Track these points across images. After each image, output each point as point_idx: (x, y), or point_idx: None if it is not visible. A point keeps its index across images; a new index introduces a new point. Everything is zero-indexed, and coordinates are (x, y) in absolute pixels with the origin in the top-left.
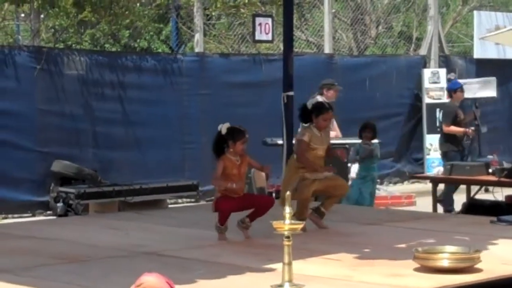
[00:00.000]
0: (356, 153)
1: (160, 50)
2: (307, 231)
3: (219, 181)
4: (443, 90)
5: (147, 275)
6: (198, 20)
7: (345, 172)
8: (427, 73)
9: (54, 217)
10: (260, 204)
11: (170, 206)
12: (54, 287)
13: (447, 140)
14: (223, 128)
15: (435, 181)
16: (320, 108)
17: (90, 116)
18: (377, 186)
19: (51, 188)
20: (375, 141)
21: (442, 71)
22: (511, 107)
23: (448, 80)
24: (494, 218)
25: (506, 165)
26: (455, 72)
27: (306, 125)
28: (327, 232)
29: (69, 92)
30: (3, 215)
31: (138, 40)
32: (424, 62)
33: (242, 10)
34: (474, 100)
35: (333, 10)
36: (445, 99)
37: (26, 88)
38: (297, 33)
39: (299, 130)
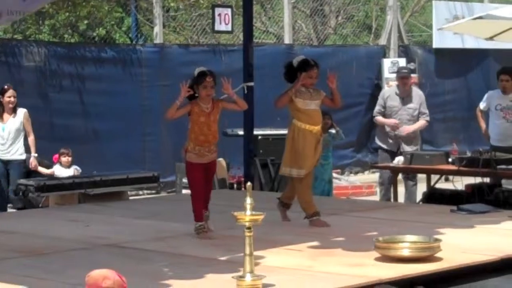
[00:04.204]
0: None
1: (121, 41)
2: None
3: (170, 109)
4: None
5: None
6: (157, 12)
7: None
8: (386, 62)
9: (14, 210)
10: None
11: (130, 198)
12: (14, 281)
13: None
14: (196, 71)
15: (395, 170)
16: (304, 65)
17: (49, 108)
18: (338, 176)
19: None
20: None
21: (402, 61)
22: (470, 96)
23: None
24: (454, 207)
25: (465, 154)
26: (415, 62)
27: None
28: (288, 222)
29: (27, 84)
30: None
31: (96, 29)
32: (383, 52)
33: (201, 1)
34: None
35: (293, 1)
36: None
37: None
38: (256, 23)
39: None
